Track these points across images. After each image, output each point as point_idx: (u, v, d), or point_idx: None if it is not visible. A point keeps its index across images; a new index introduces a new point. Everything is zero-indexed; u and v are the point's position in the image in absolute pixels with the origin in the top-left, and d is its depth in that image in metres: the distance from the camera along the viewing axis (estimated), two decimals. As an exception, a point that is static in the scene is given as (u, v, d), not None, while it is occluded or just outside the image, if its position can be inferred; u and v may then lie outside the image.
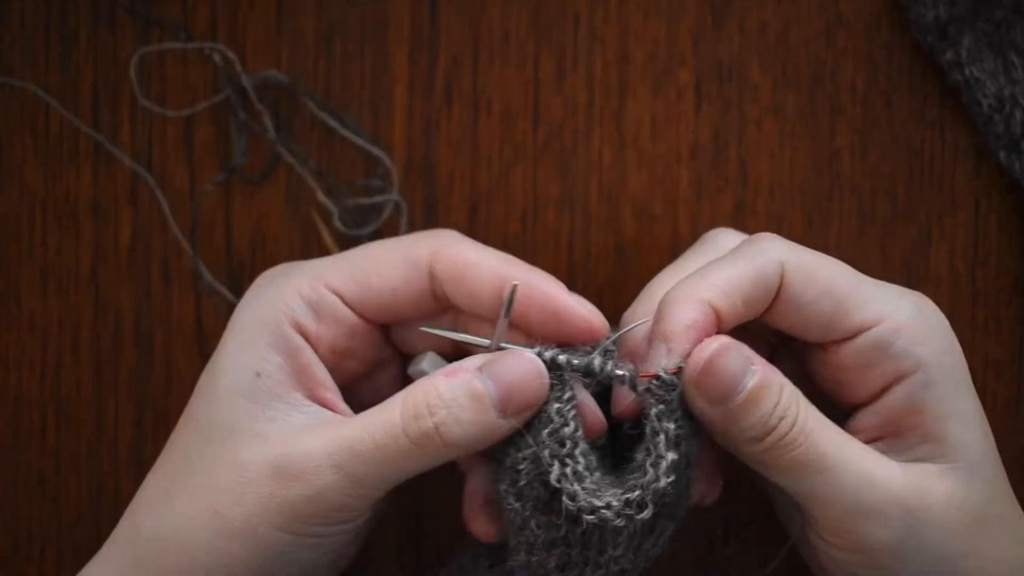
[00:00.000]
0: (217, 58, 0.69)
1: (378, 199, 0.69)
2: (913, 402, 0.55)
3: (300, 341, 0.57)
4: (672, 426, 0.53)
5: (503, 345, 0.56)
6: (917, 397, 0.55)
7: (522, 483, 0.53)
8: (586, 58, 0.69)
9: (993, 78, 0.67)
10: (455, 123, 0.69)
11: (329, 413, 0.57)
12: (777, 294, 0.55)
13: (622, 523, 0.51)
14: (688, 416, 0.55)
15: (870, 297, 0.56)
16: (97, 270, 0.70)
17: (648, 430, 0.53)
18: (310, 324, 0.57)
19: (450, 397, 0.53)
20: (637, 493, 0.52)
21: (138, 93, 0.69)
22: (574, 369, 0.54)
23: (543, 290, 0.56)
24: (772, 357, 0.61)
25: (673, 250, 0.68)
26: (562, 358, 0.54)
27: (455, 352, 0.60)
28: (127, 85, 0.69)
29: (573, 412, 0.54)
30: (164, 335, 0.70)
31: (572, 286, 0.63)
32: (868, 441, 0.57)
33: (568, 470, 0.52)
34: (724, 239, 0.61)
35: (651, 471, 0.52)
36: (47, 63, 0.69)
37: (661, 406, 0.54)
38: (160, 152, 0.69)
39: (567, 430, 0.53)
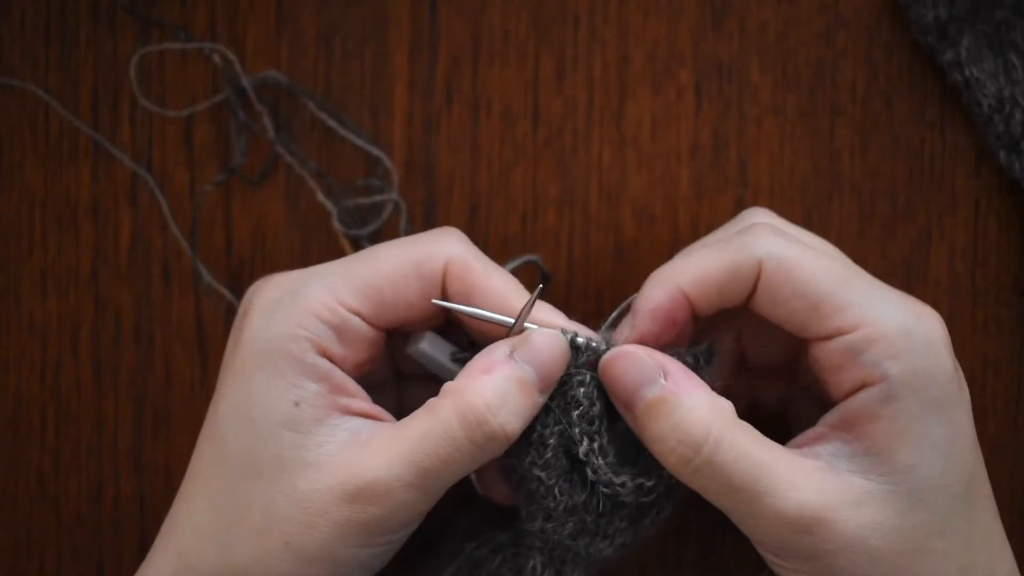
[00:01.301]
0: (217, 58, 0.69)
1: (377, 199, 0.69)
2: (869, 411, 0.54)
3: (328, 365, 0.56)
4: None
5: (526, 325, 0.57)
6: (873, 408, 0.54)
7: (549, 455, 0.56)
8: (586, 58, 0.69)
9: (993, 78, 0.67)
10: (455, 123, 0.69)
11: (371, 422, 0.57)
12: (756, 287, 0.56)
13: (630, 499, 0.56)
14: None
15: (853, 302, 0.55)
16: (97, 270, 0.70)
17: None
18: (335, 348, 0.56)
19: (504, 394, 0.54)
20: (652, 482, 0.57)
21: (138, 93, 0.69)
22: (593, 352, 0.57)
23: (545, 320, 0.58)
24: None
25: (673, 250, 0.68)
26: (581, 340, 0.57)
27: (446, 328, 0.61)
28: (127, 85, 0.69)
29: (596, 392, 0.57)
30: (164, 335, 0.70)
31: (572, 286, 0.63)
32: (824, 438, 0.56)
33: (595, 445, 0.56)
34: (751, 217, 0.61)
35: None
36: (47, 63, 0.69)
37: None
38: (160, 152, 0.69)
39: (595, 410, 0.56)
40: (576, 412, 0.56)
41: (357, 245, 0.69)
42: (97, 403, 0.70)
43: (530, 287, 0.58)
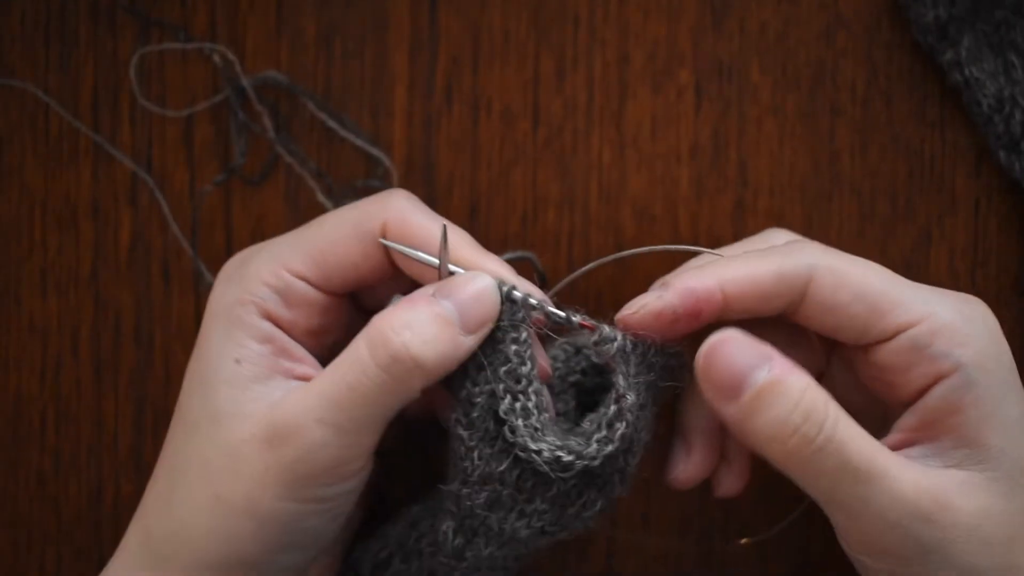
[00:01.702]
0: (217, 58, 0.69)
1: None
2: (950, 403, 0.54)
3: (272, 328, 0.57)
4: (631, 417, 0.55)
5: (452, 270, 0.57)
6: (955, 398, 0.54)
7: (475, 414, 0.55)
8: (586, 58, 0.69)
9: (993, 78, 0.67)
10: (455, 123, 0.69)
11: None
12: (806, 296, 0.55)
13: (544, 469, 0.54)
14: (645, 403, 0.57)
15: (907, 299, 0.55)
16: (97, 270, 0.70)
17: (611, 409, 0.56)
18: (281, 312, 0.58)
19: (413, 319, 0.54)
20: (570, 458, 0.54)
21: (138, 93, 0.69)
22: (529, 306, 0.56)
23: (499, 275, 0.57)
24: (826, 366, 0.62)
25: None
26: (518, 293, 0.56)
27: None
28: (127, 85, 0.69)
29: (529, 352, 0.56)
30: (164, 335, 0.70)
31: (572, 286, 0.63)
32: (907, 444, 0.56)
33: (518, 405, 0.55)
34: (775, 237, 0.62)
35: (593, 445, 0.55)
36: (47, 63, 0.69)
37: (627, 379, 0.56)
38: (160, 152, 0.69)
39: (524, 369, 0.55)
40: (504, 368, 0.55)
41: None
42: (97, 403, 0.70)
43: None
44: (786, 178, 0.69)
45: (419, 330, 0.54)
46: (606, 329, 0.56)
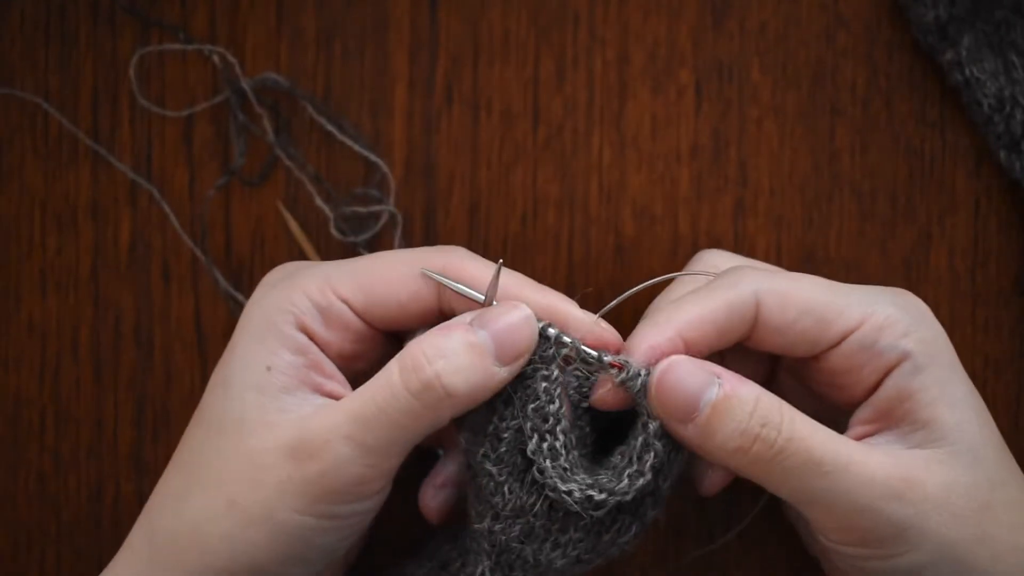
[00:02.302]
0: (216, 60, 0.69)
1: (374, 208, 0.69)
2: (902, 389, 0.56)
3: (308, 342, 0.57)
4: (660, 444, 0.55)
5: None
6: (905, 384, 0.56)
7: (503, 449, 0.55)
8: (586, 58, 0.69)
9: (993, 78, 0.67)
10: (455, 123, 0.69)
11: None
12: (757, 322, 0.57)
13: (577, 509, 0.54)
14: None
15: (848, 304, 0.57)
16: (97, 270, 0.70)
17: (638, 441, 0.56)
18: (318, 328, 0.57)
19: (447, 347, 0.54)
20: (602, 496, 0.54)
21: (137, 93, 0.69)
22: (562, 344, 0.56)
23: (556, 305, 0.57)
24: (772, 374, 0.63)
25: (673, 250, 0.68)
26: (552, 330, 0.56)
27: None
28: (126, 86, 0.69)
29: (559, 391, 0.56)
30: (164, 335, 0.70)
31: (572, 286, 0.63)
32: (866, 435, 0.57)
33: (545, 445, 0.54)
34: (712, 259, 0.62)
35: (624, 481, 0.55)
36: (47, 63, 0.69)
37: (657, 421, 0.55)
38: (160, 153, 0.69)
39: (552, 407, 0.55)
40: (532, 406, 0.55)
41: (353, 251, 0.69)
42: (97, 403, 0.70)
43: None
44: (786, 178, 0.69)
45: (453, 359, 0.54)
46: (632, 366, 0.56)
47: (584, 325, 0.57)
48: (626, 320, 0.60)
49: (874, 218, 0.69)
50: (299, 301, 0.57)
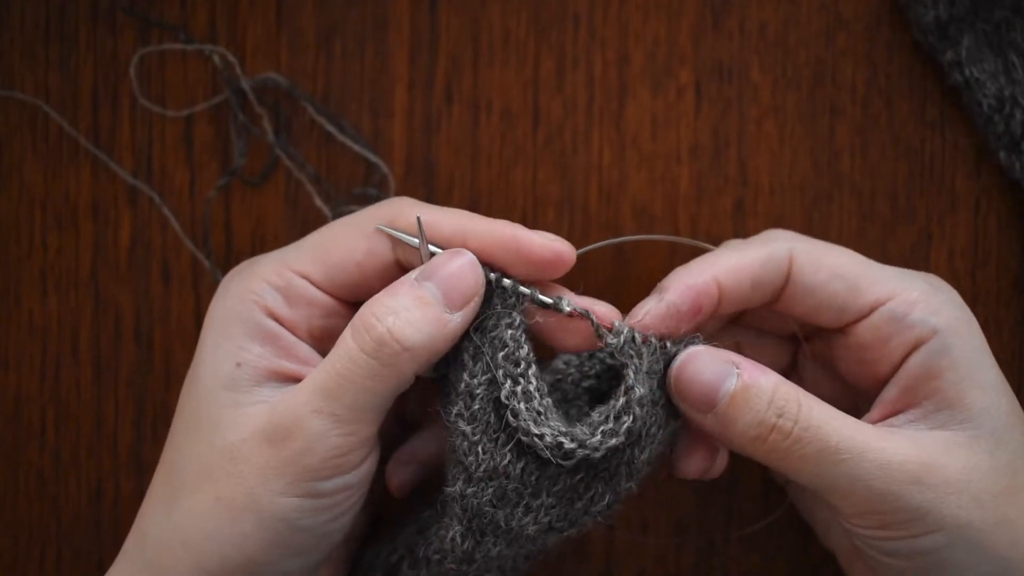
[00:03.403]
0: (216, 60, 0.69)
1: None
2: (930, 367, 0.56)
3: (275, 326, 0.57)
4: (639, 411, 0.55)
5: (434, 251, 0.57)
6: (934, 362, 0.56)
7: (475, 407, 0.55)
8: (586, 58, 0.69)
9: (993, 78, 0.67)
10: (455, 123, 0.69)
11: None
12: (788, 279, 0.58)
13: (546, 455, 0.54)
14: (656, 399, 0.56)
15: (881, 277, 0.58)
16: (97, 270, 0.70)
17: (619, 402, 0.55)
18: (282, 310, 0.58)
19: (396, 304, 0.55)
20: (572, 445, 0.54)
21: (138, 93, 0.69)
22: (522, 295, 0.56)
23: (503, 230, 0.57)
24: (792, 362, 0.64)
25: (673, 250, 0.68)
26: (507, 281, 0.56)
27: None
28: (127, 86, 0.69)
29: (524, 336, 0.56)
30: (164, 335, 0.70)
31: (572, 286, 0.63)
32: (890, 415, 0.58)
33: (519, 388, 0.55)
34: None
35: (597, 437, 0.55)
36: (47, 63, 0.69)
37: (637, 373, 0.56)
38: (160, 153, 0.69)
39: (521, 352, 0.55)
40: (502, 353, 0.55)
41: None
42: (97, 403, 0.70)
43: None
44: (786, 178, 0.69)
45: (403, 314, 0.54)
46: (616, 323, 0.56)
47: (536, 241, 0.56)
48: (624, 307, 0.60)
49: (874, 218, 0.69)
50: (258, 287, 0.57)
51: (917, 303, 0.57)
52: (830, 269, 0.58)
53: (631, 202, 0.69)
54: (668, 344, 0.57)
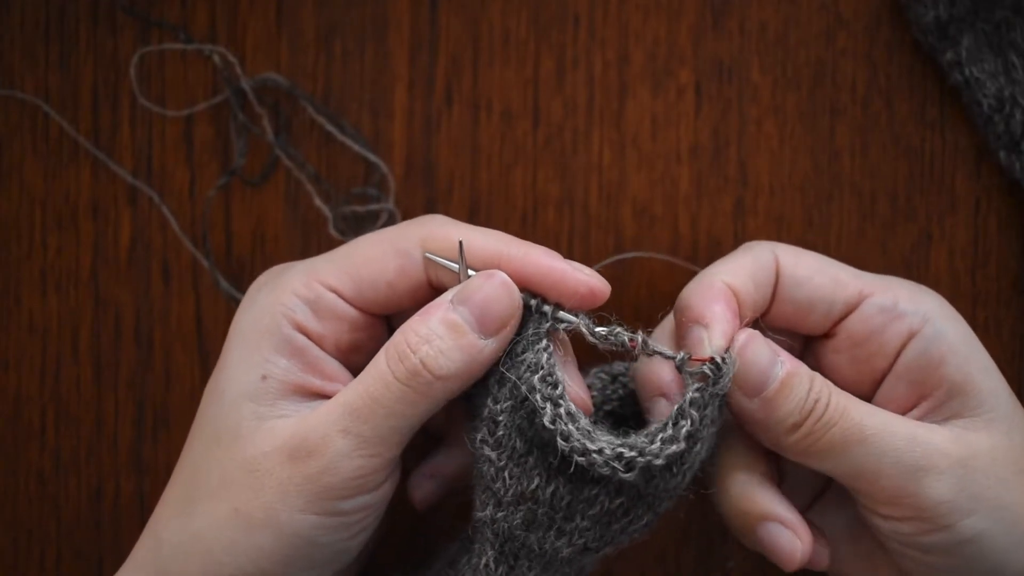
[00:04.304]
0: (216, 59, 0.69)
1: (373, 207, 0.69)
2: (931, 356, 0.57)
3: (304, 340, 0.57)
4: (697, 415, 0.54)
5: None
6: (933, 349, 0.57)
7: (500, 433, 0.55)
8: (586, 58, 0.69)
9: (993, 78, 0.67)
10: (455, 123, 0.69)
11: None
12: (778, 277, 0.58)
13: (607, 472, 0.53)
14: (714, 419, 0.55)
15: (857, 275, 0.60)
16: (97, 270, 0.70)
17: (675, 410, 0.54)
18: (311, 323, 0.57)
19: (428, 332, 0.54)
20: (632, 453, 0.53)
21: (138, 93, 0.69)
22: (558, 318, 0.55)
23: (540, 258, 0.56)
24: None
25: (673, 250, 0.68)
26: (547, 307, 0.55)
27: None
28: (127, 86, 0.69)
29: (554, 361, 0.55)
30: (164, 335, 0.70)
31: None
32: (902, 412, 0.58)
33: (562, 410, 0.53)
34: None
35: (657, 444, 0.53)
36: (47, 63, 0.69)
37: (696, 394, 0.55)
38: (160, 152, 0.69)
39: (557, 375, 0.54)
40: (536, 376, 0.54)
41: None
42: (97, 403, 0.70)
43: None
44: (786, 178, 0.69)
45: (436, 343, 0.54)
46: (719, 358, 0.55)
47: (573, 276, 0.56)
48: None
49: (874, 218, 0.69)
50: (287, 300, 0.57)
51: (900, 295, 0.58)
52: (811, 265, 0.59)
53: (631, 202, 0.69)
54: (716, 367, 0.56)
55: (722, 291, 0.57)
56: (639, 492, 0.55)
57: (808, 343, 0.61)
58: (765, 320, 0.59)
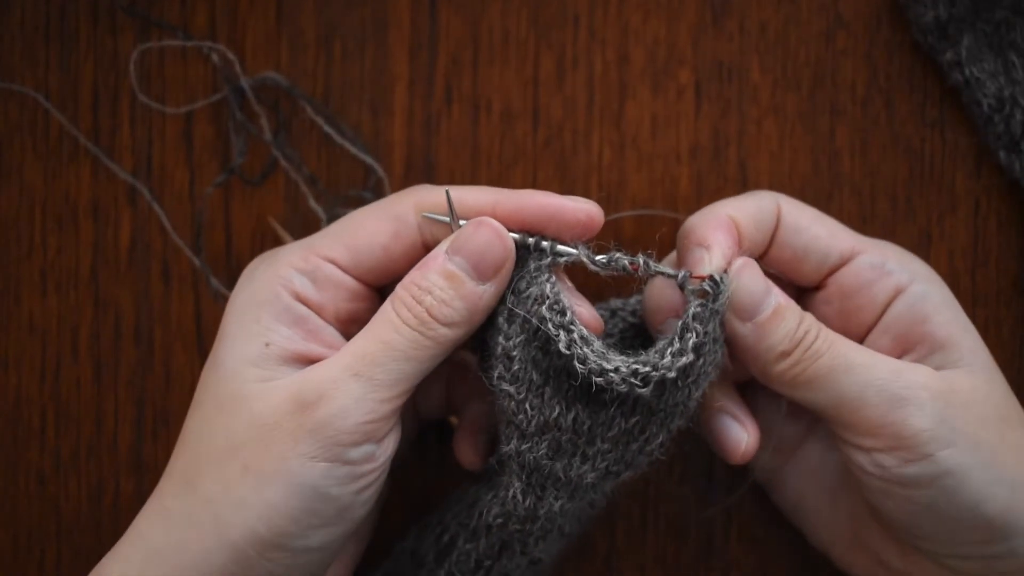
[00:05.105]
0: (216, 58, 0.69)
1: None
2: (916, 312, 0.59)
3: (304, 309, 0.58)
4: (701, 328, 0.56)
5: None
6: (919, 307, 0.60)
7: (516, 367, 0.56)
8: (586, 58, 0.69)
9: (993, 78, 0.67)
10: (455, 123, 0.69)
11: None
12: (779, 222, 0.60)
13: (624, 388, 0.54)
14: (716, 337, 0.57)
15: (853, 233, 0.62)
16: (97, 270, 0.70)
17: (679, 325, 0.56)
18: (310, 293, 0.58)
19: (428, 284, 0.56)
20: (647, 369, 0.55)
21: (137, 89, 0.69)
22: (567, 254, 0.57)
23: (532, 197, 0.58)
24: None
25: (673, 250, 0.68)
26: (545, 243, 0.57)
27: None
28: (127, 85, 0.69)
29: (559, 290, 0.56)
30: (164, 335, 0.70)
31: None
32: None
33: (575, 335, 0.55)
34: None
35: (667, 358, 0.55)
36: (47, 63, 0.69)
37: (698, 308, 0.56)
38: (160, 151, 0.69)
39: (564, 303, 0.56)
40: (544, 306, 0.55)
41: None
42: (97, 403, 0.70)
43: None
44: (786, 178, 0.69)
45: (437, 293, 0.56)
46: (717, 276, 0.57)
47: (568, 205, 0.57)
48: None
49: (874, 218, 0.69)
50: (285, 272, 0.58)
51: (890, 256, 0.61)
52: (811, 216, 0.61)
53: (631, 202, 0.69)
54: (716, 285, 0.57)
55: (725, 221, 0.59)
56: (651, 409, 0.56)
57: (800, 296, 0.63)
58: (763, 263, 0.60)
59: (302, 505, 0.55)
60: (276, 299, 0.57)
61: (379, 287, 0.60)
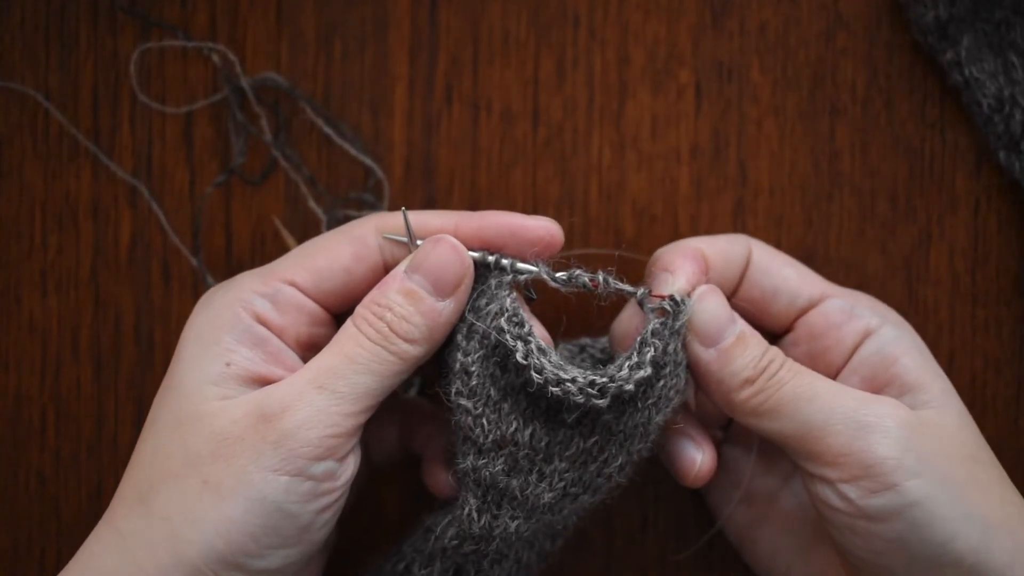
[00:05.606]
0: (216, 58, 0.69)
1: (367, 212, 0.68)
2: (886, 354, 0.59)
3: (264, 331, 0.57)
4: (660, 344, 0.56)
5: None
6: (889, 349, 0.59)
7: (474, 383, 0.56)
8: (586, 58, 0.69)
9: (993, 78, 0.67)
10: (455, 123, 0.69)
11: None
12: (749, 262, 0.61)
13: (581, 399, 0.54)
14: (679, 361, 0.57)
15: (824, 280, 0.63)
16: (97, 270, 0.70)
17: (638, 340, 0.56)
18: (271, 315, 0.58)
19: (388, 302, 0.56)
20: (604, 379, 0.55)
21: (137, 90, 0.69)
22: (526, 272, 0.58)
23: (493, 216, 0.59)
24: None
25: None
26: (505, 260, 0.58)
27: None
28: (127, 85, 0.69)
29: (518, 305, 0.57)
30: (164, 335, 0.70)
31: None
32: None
33: (532, 346, 0.55)
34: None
35: (625, 370, 0.55)
36: (47, 63, 0.69)
37: (657, 325, 0.57)
38: (160, 151, 0.69)
39: (522, 315, 0.56)
40: (503, 319, 0.56)
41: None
42: (97, 403, 0.70)
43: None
44: (786, 178, 0.69)
45: (398, 311, 0.56)
46: (677, 296, 0.58)
47: (529, 223, 0.58)
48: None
49: (874, 218, 0.69)
50: (246, 296, 0.58)
51: (859, 302, 0.61)
52: (783, 259, 0.62)
53: (631, 202, 0.69)
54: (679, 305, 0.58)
55: (692, 251, 0.60)
56: (610, 430, 0.56)
57: (769, 341, 0.61)
58: (732, 301, 0.61)
59: (262, 522, 0.54)
60: (237, 321, 0.57)
61: (339, 313, 0.60)
